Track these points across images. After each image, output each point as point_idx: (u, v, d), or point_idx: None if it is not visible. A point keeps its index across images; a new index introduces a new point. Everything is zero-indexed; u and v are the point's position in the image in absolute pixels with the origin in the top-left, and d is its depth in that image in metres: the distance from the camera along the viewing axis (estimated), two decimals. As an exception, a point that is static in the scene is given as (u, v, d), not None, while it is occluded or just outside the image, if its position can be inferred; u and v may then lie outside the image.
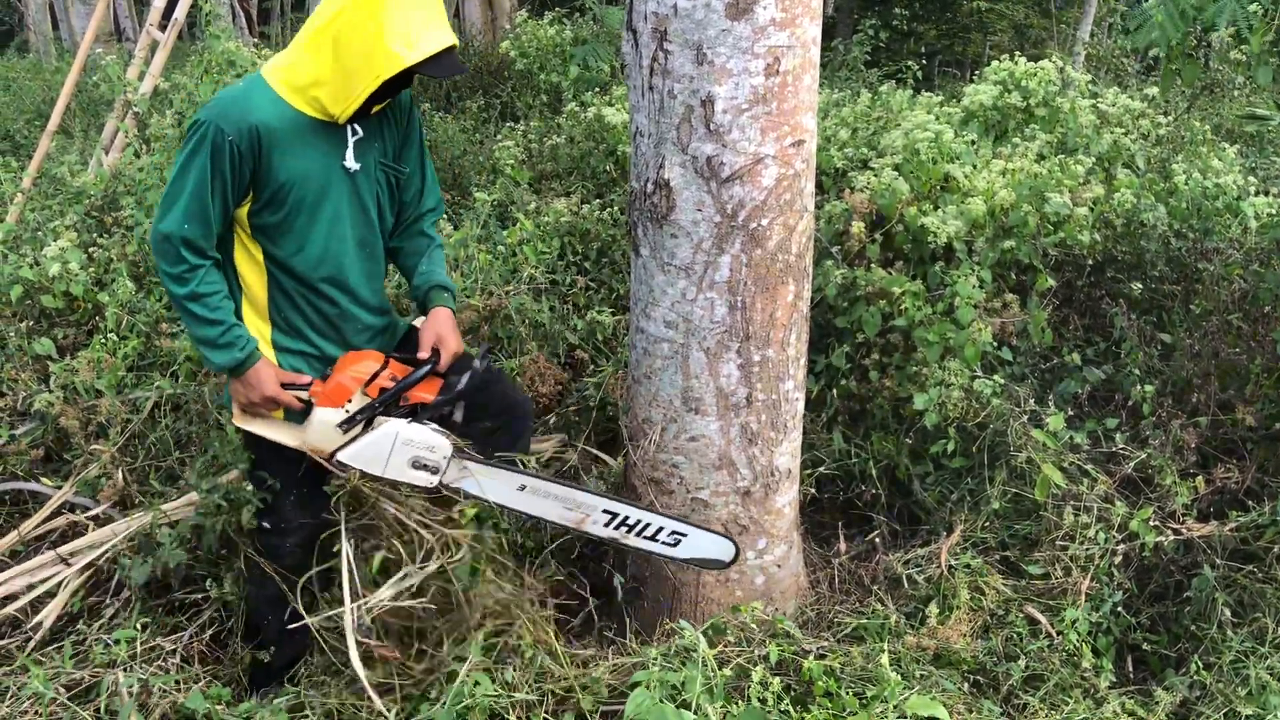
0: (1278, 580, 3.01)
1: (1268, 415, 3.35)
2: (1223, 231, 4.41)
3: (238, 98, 2.53)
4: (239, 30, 11.44)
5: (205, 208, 2.50)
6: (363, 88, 2.51)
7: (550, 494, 2.80)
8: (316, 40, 2.52)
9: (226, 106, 2.51)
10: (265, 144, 2.51)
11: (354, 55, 2.48)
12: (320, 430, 2.62)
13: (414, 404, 2.67)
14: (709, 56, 2.62)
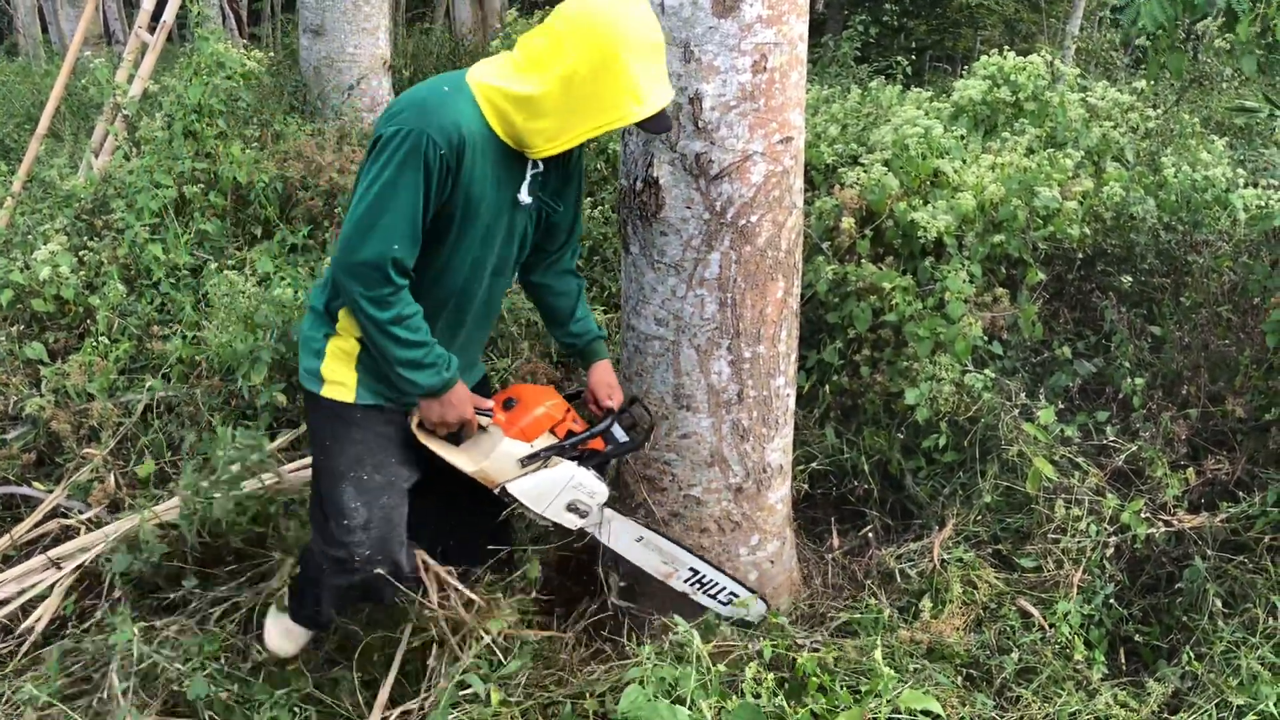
0: (1268, 571, 3.02)
1: (1257, 406, 3.36)
2: (1212, 224, 4.42)
3: (445, 101, 2.32)
4: (229, 32, 11.42)
5: (416, 226, 2.32)
6: (582, 134, 2.36)
7: (658, 548, 2.92)
8: (542, 71, 2.31)
9: (433, 111, 2.29)
10: (467, 156, 2.33)
11: (583, 99, 2.30)
12: (502, 461, 2.59)
13: (585, 451, 2.70)
14: (696, 54, 2.63)
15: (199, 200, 5.20)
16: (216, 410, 3.77)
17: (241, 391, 3.71)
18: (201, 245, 5.14)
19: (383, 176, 2.27)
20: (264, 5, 16.76)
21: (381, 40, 7.20)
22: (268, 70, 7.45)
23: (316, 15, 7.05)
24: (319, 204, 5.51)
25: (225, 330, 4.01)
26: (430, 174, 2.28)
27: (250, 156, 5.43)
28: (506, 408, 2.66)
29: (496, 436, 2.61)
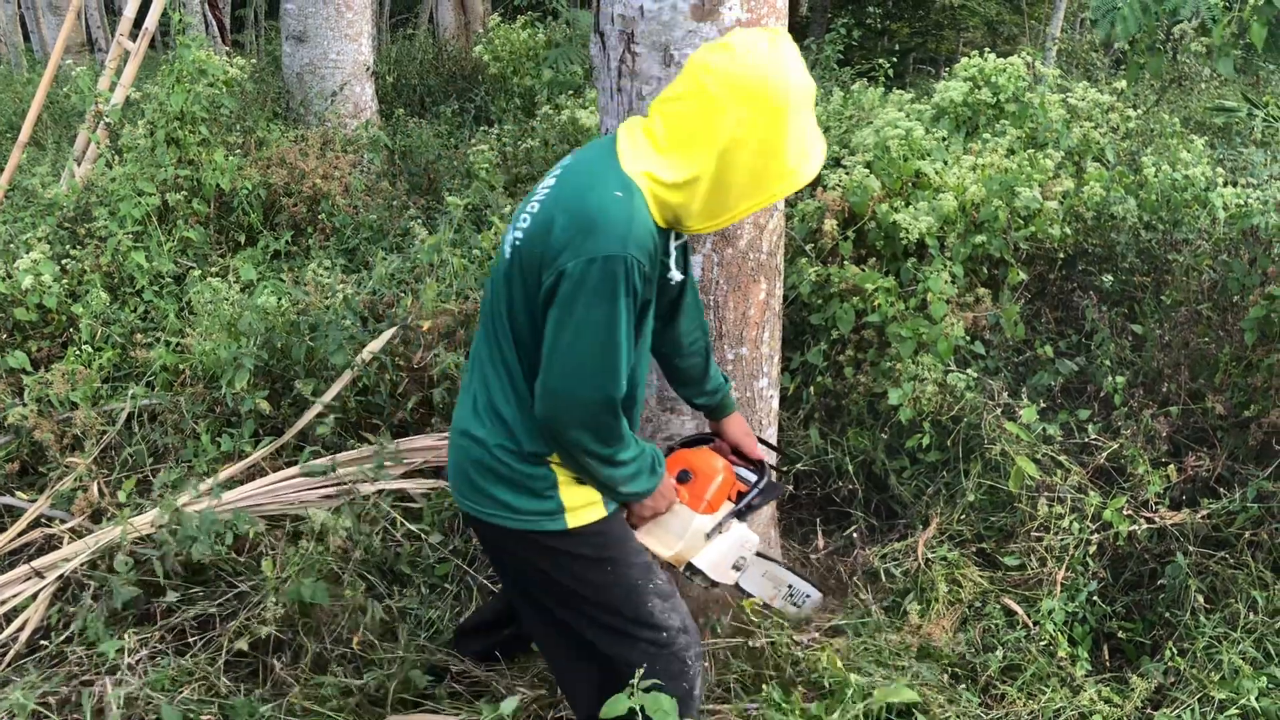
0: (1249, 566, 3.04)
1: (1237, 403, 3.38)
2: (1192, 223, 4.45)
3: (635, 216, 2.06)
4: (212, 39, 11.40)
5: (631, 351, 2.14)
6: (745, 208, 2.14)
7: (774, 577, 2.91)
8: (699, 148, 2.06)
9: (632, 230, 2.04)
10: (653, 262, 2.13)
11: (745, 172, 2.07)
12: (694, 539, 2.49)
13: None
14: (676, 58, 2.64)
15: (182, 207, 5.19)
16: (200, 418, 3.76)
17: (225, 399, 3.71)
18: (185, 252, 5.14)
19: (596, 316, 2.03)
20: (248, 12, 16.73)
21: (364, 46, 7.20)
22: (250, 77, 7.45)
23: (299, 22, 7.04)
24: (302, 210, 5.51)
25: (209, 337, 4.00)
26: (636, 294, 2.07)
27: (233, 163, 5.43)
28: (682, 480, 2.53)
29: (684, 515, 2.48)
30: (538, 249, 2.09)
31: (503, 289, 2.20)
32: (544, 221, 2.10)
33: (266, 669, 2.80)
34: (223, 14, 12.04)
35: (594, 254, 2.00)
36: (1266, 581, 3.00)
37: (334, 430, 3.63)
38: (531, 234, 2.12)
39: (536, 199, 2.17)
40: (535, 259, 2.09)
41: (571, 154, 2.29)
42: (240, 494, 3.35)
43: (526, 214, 2.17)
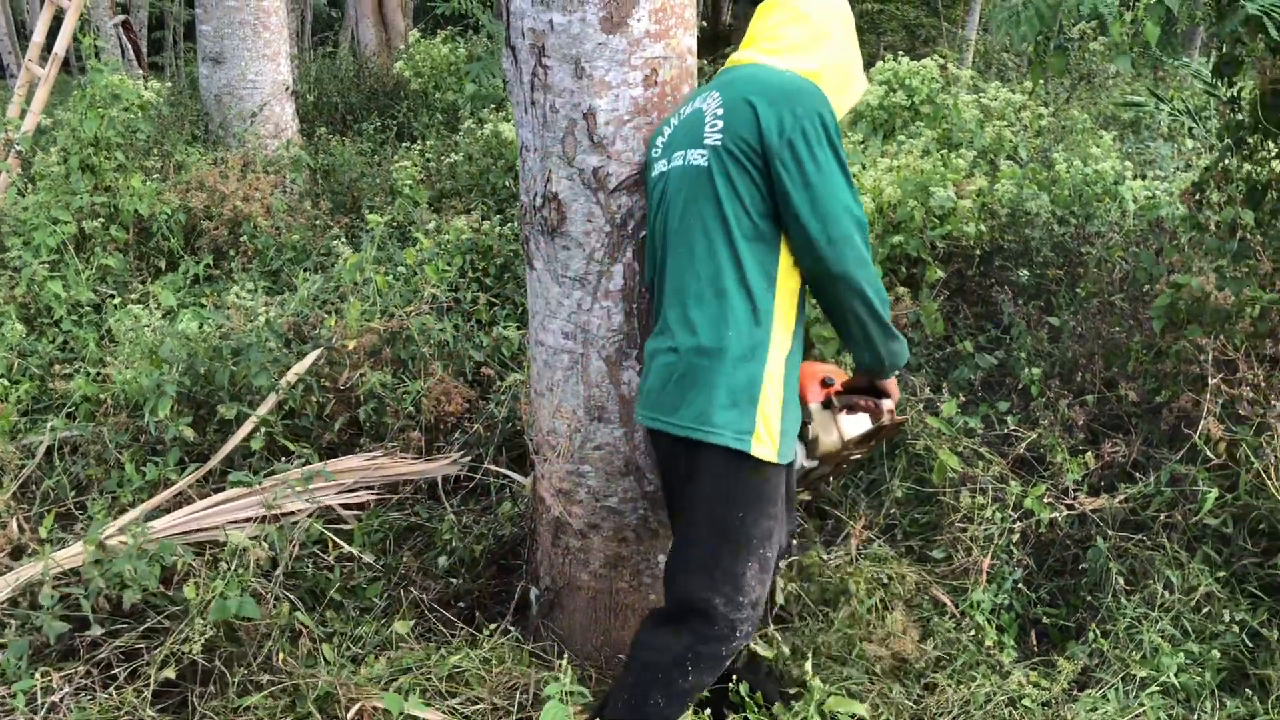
0: (1165, 547, 3.13)
1: (1148, 390, 3.48)
2: (1103, 216, 4.59)
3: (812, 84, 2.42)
4: (128, 63, 11.20)
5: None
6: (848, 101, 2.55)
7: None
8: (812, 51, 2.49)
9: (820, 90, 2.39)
10: None
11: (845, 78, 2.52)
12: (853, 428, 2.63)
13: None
14: (587, 70, 2.66)
15: (100, 234, 5.11)
16: (124, 447, 3.70)
17: (149, 427, 3.65)
18: (104, 280, 5.06)
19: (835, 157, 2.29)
20: (165, 35, 16.47)
21: (283, 66, 7.14)
22: (168, 100, 7.35)
23: (215, 44, 6.96)
24: (224, 233, 5.45)
25: (130, 366, 3.94)
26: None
27: (151, 188, 5.35)
28: (828, 383, 2.65)
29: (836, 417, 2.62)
30: (747, 135, 2.31)
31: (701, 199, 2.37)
32: (742, 115, 2.33)
33: (194, 700, 2.75)
34: (138, 37, 11.84)
35: (810, 108, 2.29)
36: (1182, 561, 3.10)
37: (261, 454, 3.59)
38: (734, 129, 2.33)
39: (713, 111, 2.39)
40: (749, 146, 2.31)
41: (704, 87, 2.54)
42: (167, 522, 3.30)
43: (713, 120, 2.38)
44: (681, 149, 2.45)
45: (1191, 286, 3.39)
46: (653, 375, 2.47)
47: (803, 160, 2.27)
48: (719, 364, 2.32)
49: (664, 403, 2.40)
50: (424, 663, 2.79)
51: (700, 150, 2.39)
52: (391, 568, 3.30)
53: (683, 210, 2.42)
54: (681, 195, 2.43)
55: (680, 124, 2.51)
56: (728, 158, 2.34)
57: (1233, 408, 3.25)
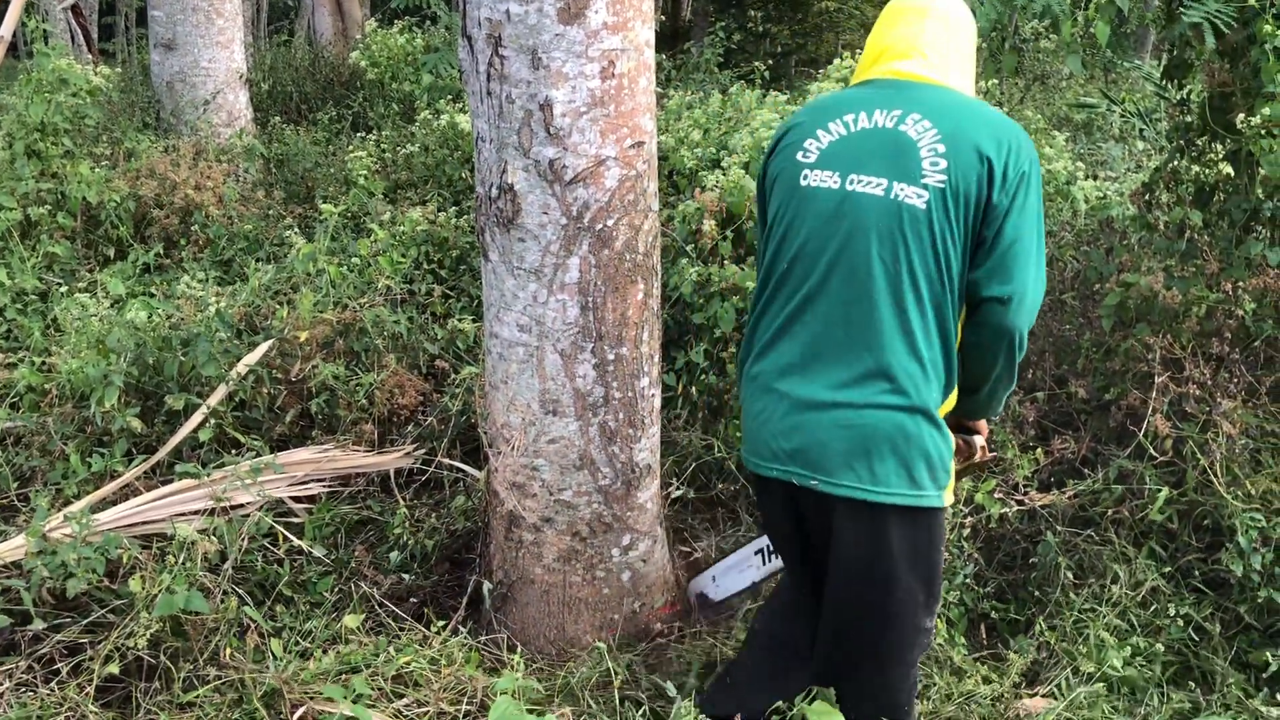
0: (1113, 542, 3.18)
1: (1098, 387, 3.53)
2: (1056, 215, 4.64)
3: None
4: (77, 48, 10.99)
5: None
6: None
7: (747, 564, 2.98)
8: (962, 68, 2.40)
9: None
10: None
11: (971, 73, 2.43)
12: None
13: None
14: (544, 61, 2.64)
15: (46, 221, 5.01)
16: (69, 439, 3.63)
17: (95, 418, 3.58)
18: (50, 268, 4.96)
19: (1037, 209, 2.23)
20: (117, 20, 16.19)
21: (237, 54, 7.04)
22: (118, 86, 7.22)
23: (168, 29, 6.85)
24: (174, 222, 5.37)
25: (77, 355, 3.87)
26: None
27: (100, 175, 5.26)
28: None
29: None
30: (972, 179, 2.18)
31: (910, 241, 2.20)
32: (967, 154, 2.19)
33: (138, 695, 2.71)
34: (88, 21, 11.62)
35: (1031, 153, 2.21)
36: (1129, 556, 3.14)
37: (210, 445, 3.54)
38: (961, 170, 2.18)
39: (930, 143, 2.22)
40: (972, 189, 2.18)
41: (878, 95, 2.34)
42: (113, 515, 3.25)
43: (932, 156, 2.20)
44: (876, 176, 2.25)
45: (1140, 286, 3.43)
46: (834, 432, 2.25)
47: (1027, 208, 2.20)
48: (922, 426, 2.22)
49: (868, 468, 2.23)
50: (373, 660, 2.76)
51: (917, 189, 2.20)
52: (342, 562, 3.26)
53: (878, 249, 2.22)
54: (875, 232, 2.23)
55: (863, 139, 2.29)
56: (952, 203, 2.19)
57: (1179, 405, 3.30)
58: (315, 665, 2.68)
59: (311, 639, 2.90)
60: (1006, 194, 2.17)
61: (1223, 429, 3.16)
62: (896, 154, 2.23)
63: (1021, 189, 2.18)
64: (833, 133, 2.31)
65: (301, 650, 2.86)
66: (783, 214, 2.35)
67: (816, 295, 2.27)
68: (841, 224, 2.24)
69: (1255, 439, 3.26)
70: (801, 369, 2.28)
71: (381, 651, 2.80)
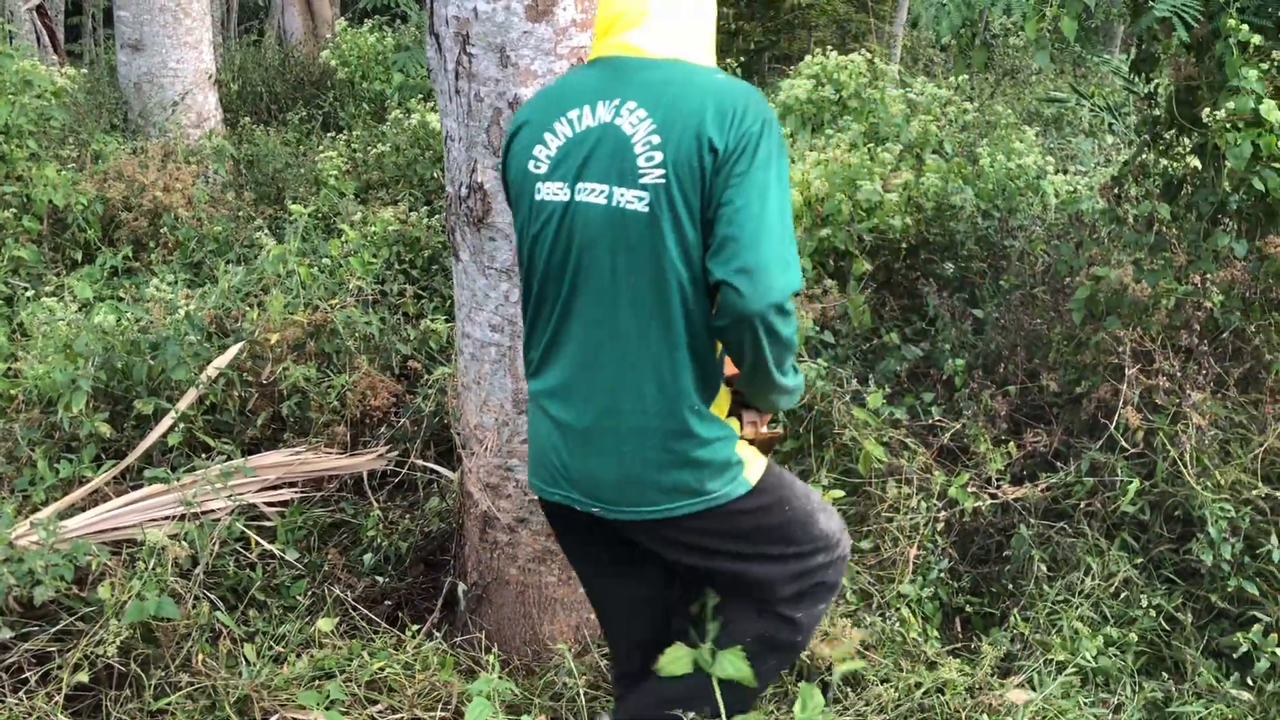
0: (1086, 535, 3.19)
1: (1069, 380, 3.55)
2: (1026, 210, 4.67)
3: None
4: (43, 49, 10.87)
5: None
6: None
7: None
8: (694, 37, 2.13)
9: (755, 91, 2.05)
10: None
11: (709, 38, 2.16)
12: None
13: None
14: (513, 59, 2.63)
15: (11, 225, 4.95)
16: (37, 444, 3.59)
17: (62, 423, 3.54)
18: (16, 273, 4.90)
19: (782, 176, 1.96)
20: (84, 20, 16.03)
21: (205, 54, 6.98)
22: (85, 88, 7.15)
23: (135, 30, 6.78)
24: (143, 224, 5.32)
25: (44, 360, 3.83)
26: None
27: (66, 178, 5.20)
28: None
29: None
30: (695, 164, 1.95)
31: (642, 249, 2.00)
32: (685, 140, 1.96)
33: (108, 703, 2.68)
34: (53, 22, 11.50)
35: (761, 114, 1.97)
36: (1102, 548, 3.16)
37: (180, 450, 3.50)
38: (679, 155, 1.96)
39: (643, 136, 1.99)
40: (696, 177, 1.95)
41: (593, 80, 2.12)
42: (82, 521, 3.21)
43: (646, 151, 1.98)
44: (598, 182, 2.04)
45: (1110, 279, 3.46)
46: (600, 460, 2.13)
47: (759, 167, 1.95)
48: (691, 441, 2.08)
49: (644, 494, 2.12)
50: (347, 665, 2.74)
51: (637, 192, 1.99)
52: (316, 565, 3.24)
53: (613, 262, 2.04)
54: (606, 243, 2.04)
55: (585, 140, 2.07)
56: (679, 199, 1.97)
57: (1150, 397, 3.32)
58: (289, 670, 2.66)
59: (285, 643, 2.88)
60: (729, 165, 1.94)
61: (1192, 420, 3.19)
62: (615, 154, 2.02)
63: (747, 154, 1.93)
64: (559, 135, 2.09)
65: (275, 655, 2.84)
66: (527, 230, 2.16)
67: (569, 317, 2.12)
68: (575, 239, 2.06)
69: (1224, 430, 3.28)
70: (564, 394, 2.14)
71: (356, 655, 2.78)
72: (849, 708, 2.80)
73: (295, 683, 2.63)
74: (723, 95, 1.98)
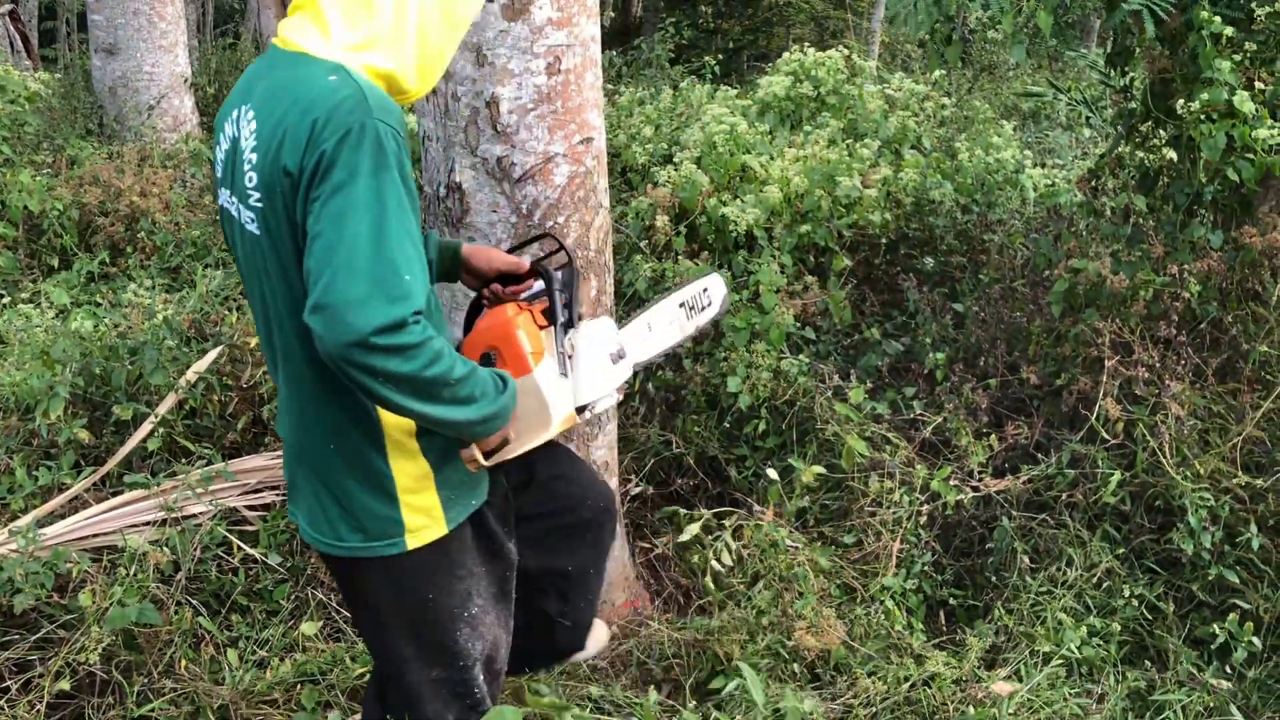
0: (1068, 526, 3.21)
1: (1049, 373, 3.56)
2: (1005, 204, 4.68)
3: (365, 86, 1.74)
4: (16, 55, 10.79)
5: (420, 246, 1.74)
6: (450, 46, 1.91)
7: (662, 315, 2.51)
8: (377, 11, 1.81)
9: (369, 97, 1.71)
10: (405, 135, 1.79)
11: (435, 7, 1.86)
12: (555, 395, 2.06)
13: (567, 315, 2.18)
14: (489, 58, 2.62)
15: (-14, 232, 4.91)
16: (15, 452, 3.56)
17: (40, 430, 3.51)
18: (-9, 280, 4.87)
19: (376, 202, 1.66)
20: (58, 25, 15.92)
21: (181, 58, 6.94)
22: (58, 93, 7.10)
23: (109, 34, 6.74)
24: (120, 229, 5.28)
25: (21, 367, 3.80)
26: (404, 170, 1.73)
27: (41, 184, 5.16)
28: (490, 362, 2.08)
29: (528, 385, 2.04)
30: (277, 179, 1.73)
31: (274, 268, 1.82)
32: (274, 155, 1.73)
33: (90, 711, 2.66)
34: (26, 27, 11.42)
35: (344, 126, 1.67)
36: (1084, 539, 3.18)
37: (160, 455, 3.48)
38: (268, 177, 1.75)
39: (249, 145, 1.79)
40: (280, 189, 1.74)
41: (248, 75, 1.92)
42: (61, 529, 3.19)
43: (249, 164, 1.79)
44: (228, 190, 1.88)
45: (1088, 271, 3.47)
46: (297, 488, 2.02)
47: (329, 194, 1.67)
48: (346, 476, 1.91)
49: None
50: (330, 668, 2.73)
51: (249, 211, 1.81)
52: (298, 569, 3.22)
53: (260, 285, 1.89)
54: (248, 263, 1.89)
55: (230, 147, 1.87)
56: (274, 222, 1.77)
57: (1129, 388, 3.34)
58: (272, 674, 2.65)
59: (268, 648, 2.87)
60: (305, 189, 1.70)
61: (1172, 411, 3.21)
62: (237, 168, 1.83)
63: (320, 175, 1.68)
64: (222, 141, 1.91)
65: (258, 659, 2.83)
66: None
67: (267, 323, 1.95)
68: (237, 253, 1.94)
69: (1203, 420, 3.30)
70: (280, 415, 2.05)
71: (339, 660, 2.77)
72: (837, 697, 2.81)
73: (278, 687, 2.62)
74: (310, 107, 1.70)
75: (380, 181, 1.67)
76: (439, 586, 2.00)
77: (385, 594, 2.00)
